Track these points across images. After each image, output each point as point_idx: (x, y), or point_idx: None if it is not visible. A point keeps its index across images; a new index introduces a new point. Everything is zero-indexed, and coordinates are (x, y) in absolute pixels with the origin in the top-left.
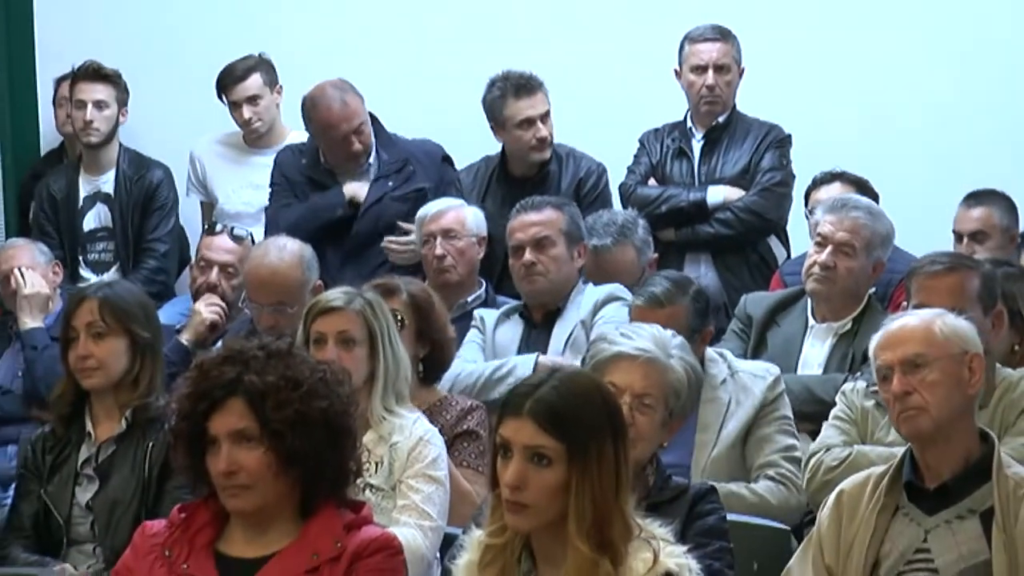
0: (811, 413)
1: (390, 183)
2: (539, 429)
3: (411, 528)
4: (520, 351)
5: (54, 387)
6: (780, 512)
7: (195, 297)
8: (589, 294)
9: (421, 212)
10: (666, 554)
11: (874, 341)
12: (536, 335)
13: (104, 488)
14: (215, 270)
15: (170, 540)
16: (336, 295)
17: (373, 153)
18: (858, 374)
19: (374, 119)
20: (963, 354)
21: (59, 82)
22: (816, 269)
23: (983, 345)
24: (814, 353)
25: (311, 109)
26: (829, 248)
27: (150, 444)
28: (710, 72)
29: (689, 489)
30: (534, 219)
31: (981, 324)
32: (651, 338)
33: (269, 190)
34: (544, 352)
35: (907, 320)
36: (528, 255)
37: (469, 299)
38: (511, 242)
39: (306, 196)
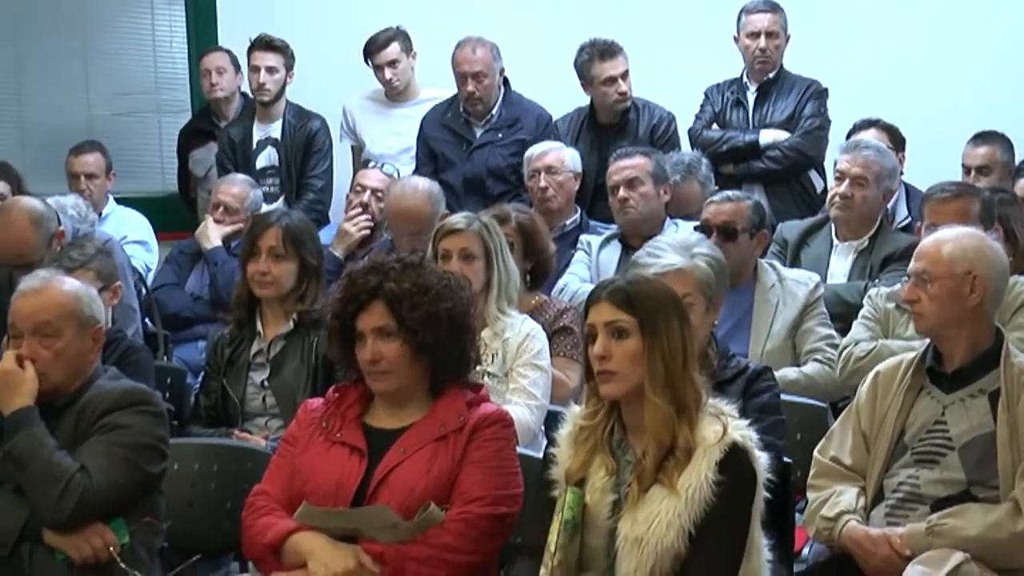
0: (839, 314)
1: (499, 134)
2: (615, 308)
3: (521, 406)
4: (617, 270)
5: (232, 293)
6: (826, 388)
7: (347, 214)
8: (683, 228)
9: (528, 152)
10: (733, 427)
11: (921, 247)
12: (632, 258)
13: (279, 375)
14: (368, 193)
15: (327, 414)
16: (458, 219)
17: (497, 106)
18: (876, 280)
19: (506, 81)
20: (965, 274)
21: (202, 56)
22: (837, 199)
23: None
24: (839, 266)
25: (454, 49)
26: (847, 181)
27: (315, 339)
28: (762, 37)
29: (748, 368)
30: (627, 164)
31: None
32: (674, 248)
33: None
34: None
35: (938, 234)
36: (622, 192)
37: (567, 223)
38: (610, 183)
39: (441, 145)
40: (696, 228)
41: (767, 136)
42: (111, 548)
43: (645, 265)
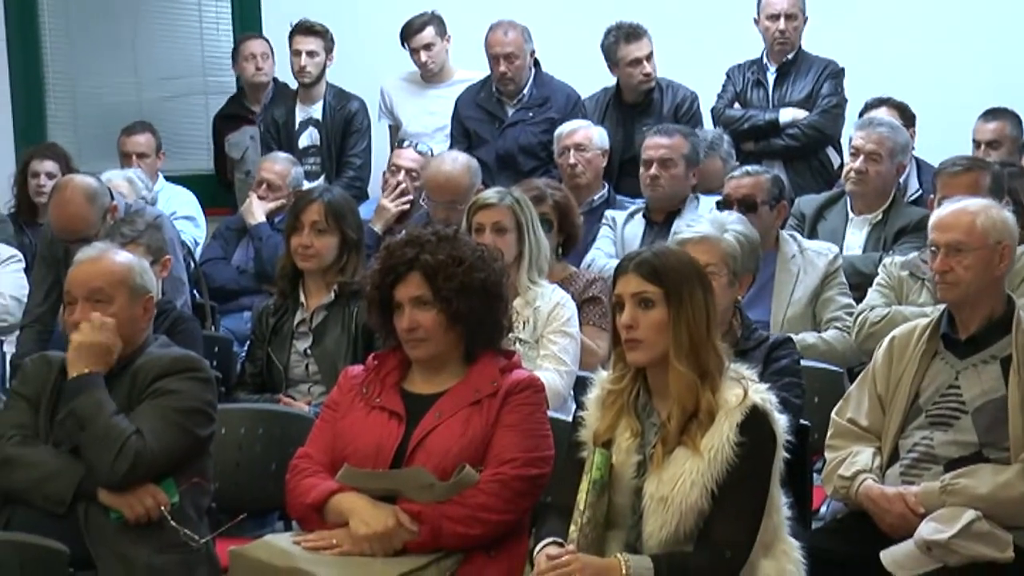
0: (856, 284)
1: (530, 113)
2: (641, 279)
3: (551, 372)
4: (642, 244)
5: (276, 266)
6: (843, 354)
7: (385, 191)
8: (704, 202)
9: (558, 131)
10: (753, 391)
11: (933, 218)
12: (655, 232)
13: (321, 343)
14: (402, 172)
15: (366, 380)
16: (491, 194)
17: (528, 86)
18: (890, 251)
19: (536, 62)
20: (996, 244)
21: (241, 41)
22: (852, 174)
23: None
24: (854, 238)
25: (487, 32)
26: (861, 157)
27: (355, 309)
28: (782, 19)
29: (769, 338)
30: (664, 142)
31: None
32: (710, 222)
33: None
34: None
35: (959, 207)
36: (654, 169)
37: (595, 198)
38: (644, 155)
39: (475, 123)
40: (718, 203)
41: (787, 114)
42: (162, 507)
43: (680, 232)
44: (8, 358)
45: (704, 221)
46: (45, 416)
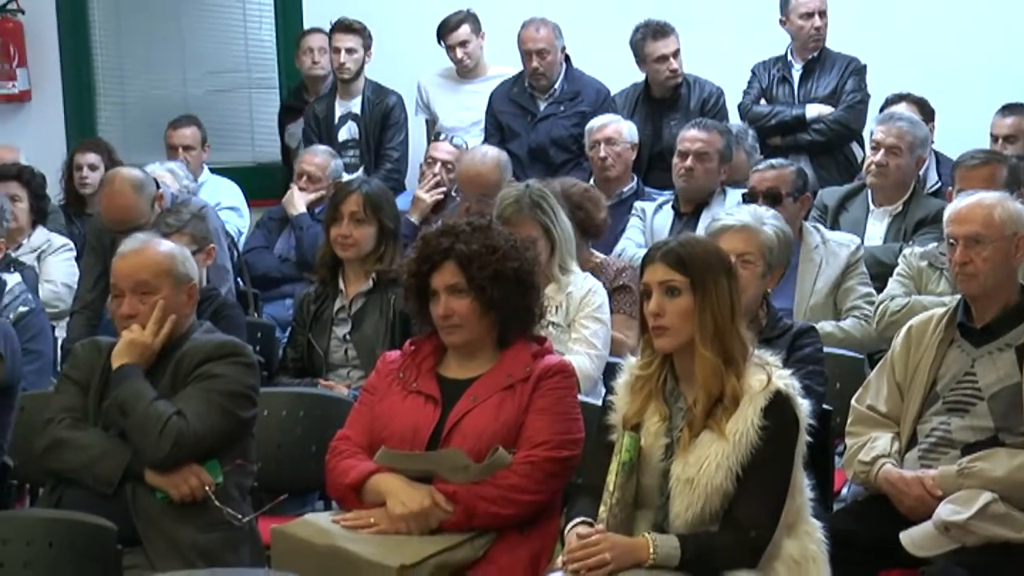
0: (877, 274)
1: (561, 107)
2: (668, 268)
3: (582, 356)
4: (670, 234)
5: (316, 255)
6: (861, 342)
7: (421, 183)
8: (731, 195)
9: (589, 125)
10: (777, 376)
11: (948, 211)
12: (684, 223)
13: (360, 329)
14: (438, 164)
15: (403, 365)
16: (510, 208)
17: (559, 81)
18: (910, 242)
19: (567, 58)
20: (1013, 235)
21: (300, 36)
22: (873, 167)
23: None
24: (875, 230)
25: (520, 29)
26: (882, 150)
27: (392, 296)
28: (816, 17)
29: (793, 327)
30: (701, 136)
31: None
32: (749, 213)
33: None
34: None
35: (974, 200)
36: (689, 161)
37: (624, 190)
38: (679, 147)
39: (508, 117)
40: (744, 195)
41: (812, 110)
42: (206, 487)
43: (720, 220)
44: (59, 343)
45: (743, 212)
46: (94, 399)
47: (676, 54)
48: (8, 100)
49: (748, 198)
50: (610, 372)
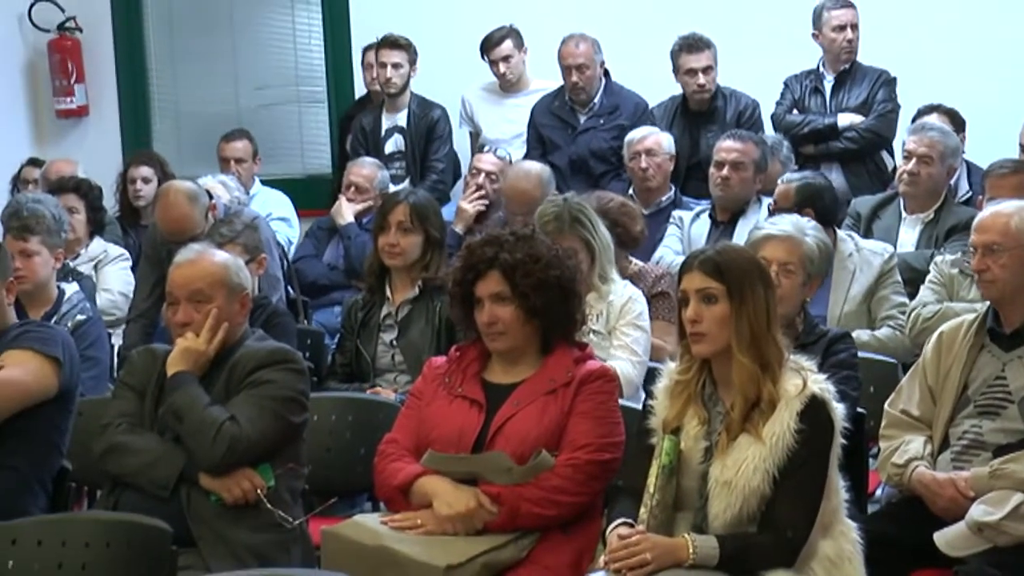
0: (908, 280)
1: (601, 120)
2: (705, 276)
3: (624, 361)
4: (707, 242)
5: (364, 264)
6: (896, 351)
7: (464, 193)
8: (766, 204)
9: (628, 137)
10: (812, 381)
11: (975, 221)
12: (720, 231)
13: (406, 336)
14: (482, 175)
15: (449, 371)
16: (550, 223)
17: (598, 95)
18: (941, 249)
19: (606, 72)
20: None
21: (365, 51)
22: (905, 176)
23: None
24: (907, 237)
25: (560, 44)
26: (914, 160)
27: (438, 304)
28: (848, 30)
29: (828, 333)
30: (737, 146)
31: None
32: (791, 223)
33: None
34: None
35: (995, 209)
36: (725, 171)
37: (662, 199)
38: (716, 157)
39: (549, 130)
40: (771, 210)
41: (844, 119)
42: (259, 490)
43: (763, 228)
44: (116, 350)
45: (785, 221)
46: (150, 405)
47: (707, 70)
48: (67, 115)
49: (774, 211)
50: (650, 377)
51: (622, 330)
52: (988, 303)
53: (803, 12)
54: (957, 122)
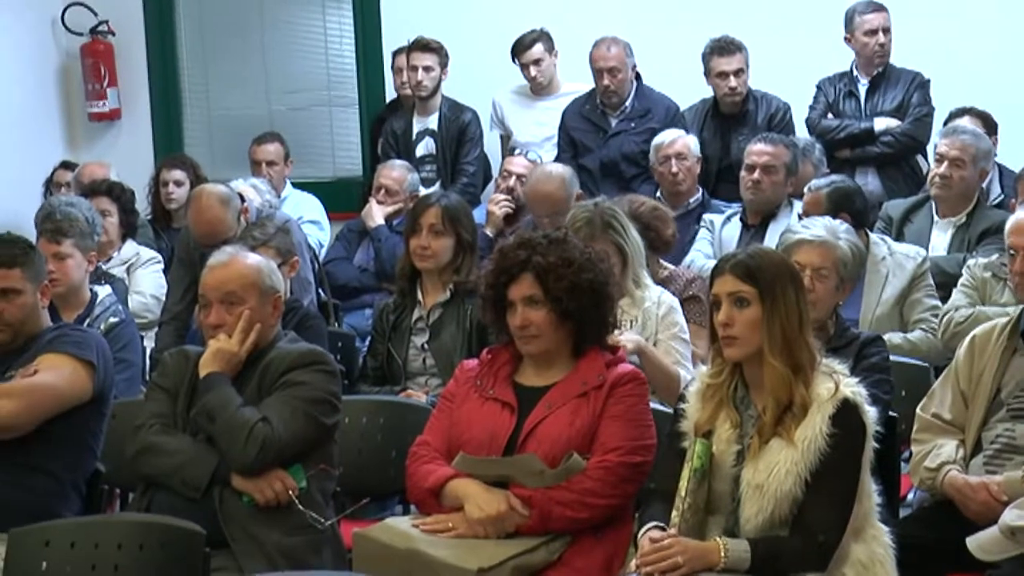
0: (941, 283)
1: (632, 124)
2: (737, 279)
3: (682, 368)
4: (738, 245)
5: (395, 266)
6: (928, 354)
7: (492, 196)
8: (797, 207)
9: (656, 140)
10: (844, 384)
11: (1010, 222)
12: (751, 234)
13: (438, 339)
14: (513, 178)
15: (481, 373)
16: (582, 226)
17: (630, 98)
18: (973, 253)
19: (638, 76)
20: None
21: (395, 54)
22: (937, 179)
23: None
24: (939, 240)
25: (592, 48)
26: (946, 163)
27: (469, 307)
28: (880, 33)
29: (860, 336)
30: (768, 150)
31: None
32: (824, 227)
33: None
34: None
35: None
36: (756, 174)
37: (691, 201)
38: (747, 160)
39: (580, 133)
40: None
41: (880, 123)
42: (290, 491)
43: (796, 232)
44: (148, 352)
45: (819, 225)
46: (183, 406)
47: (738, 73)
48: (99, 118)
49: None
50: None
51: (670, 344)
52: (1021, 306)
53: (835, 14)
54: (989, 125)
